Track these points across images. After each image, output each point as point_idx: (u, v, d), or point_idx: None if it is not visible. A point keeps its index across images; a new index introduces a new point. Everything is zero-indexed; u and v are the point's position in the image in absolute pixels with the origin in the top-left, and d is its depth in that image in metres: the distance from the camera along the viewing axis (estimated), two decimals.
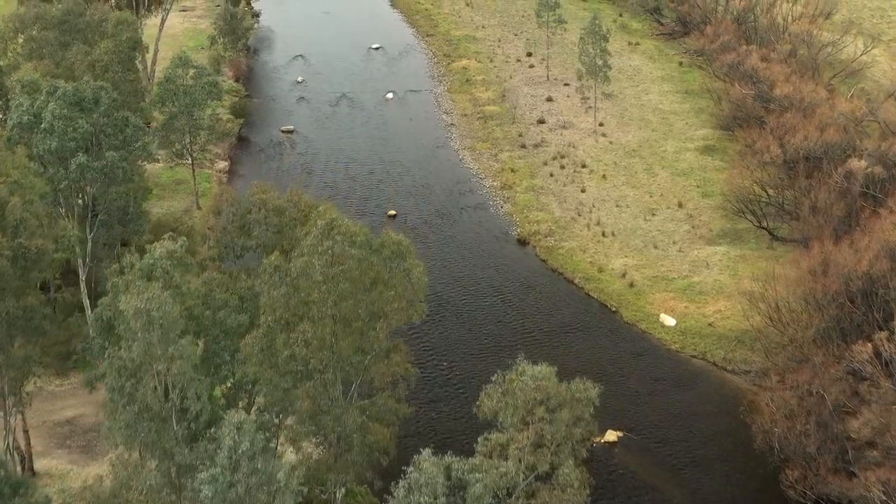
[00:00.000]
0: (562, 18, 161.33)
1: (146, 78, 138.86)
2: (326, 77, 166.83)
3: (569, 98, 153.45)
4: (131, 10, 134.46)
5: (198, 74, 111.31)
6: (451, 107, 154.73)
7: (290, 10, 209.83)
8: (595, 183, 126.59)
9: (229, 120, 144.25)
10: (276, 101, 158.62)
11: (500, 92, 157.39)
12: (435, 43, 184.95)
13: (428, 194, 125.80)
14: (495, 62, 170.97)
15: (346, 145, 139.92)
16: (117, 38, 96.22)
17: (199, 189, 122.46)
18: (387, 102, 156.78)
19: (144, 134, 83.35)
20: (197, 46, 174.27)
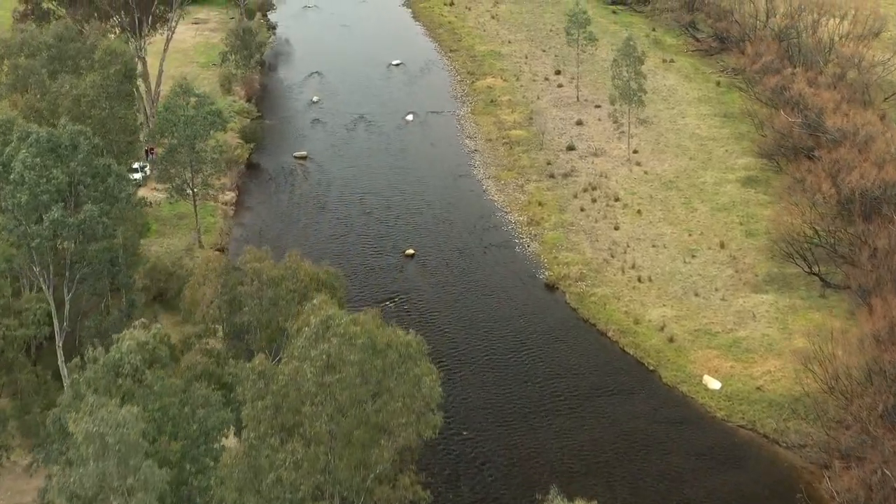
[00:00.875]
0: (593, 36, 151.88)
1: (149, 102, 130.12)
2: (343, 97, 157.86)
3: (600, 122, 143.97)
4: (132, 30, 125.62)
5: (199, 103, 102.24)
6: (474, 130, 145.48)
7: (309, 22, 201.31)
8: (629, 219, 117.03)
9: (239, 145, 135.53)
10: (290, 122, 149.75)
11: (527, 114, 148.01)
12: (458, 59, 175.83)
13: (449, 230, 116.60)
14: (522, 81, 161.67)
15: (363, 174, 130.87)
16: (105, 71, 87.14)
17: (203, 224, 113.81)
18: (407, 125, 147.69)
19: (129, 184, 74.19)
20: (208, 63, 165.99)
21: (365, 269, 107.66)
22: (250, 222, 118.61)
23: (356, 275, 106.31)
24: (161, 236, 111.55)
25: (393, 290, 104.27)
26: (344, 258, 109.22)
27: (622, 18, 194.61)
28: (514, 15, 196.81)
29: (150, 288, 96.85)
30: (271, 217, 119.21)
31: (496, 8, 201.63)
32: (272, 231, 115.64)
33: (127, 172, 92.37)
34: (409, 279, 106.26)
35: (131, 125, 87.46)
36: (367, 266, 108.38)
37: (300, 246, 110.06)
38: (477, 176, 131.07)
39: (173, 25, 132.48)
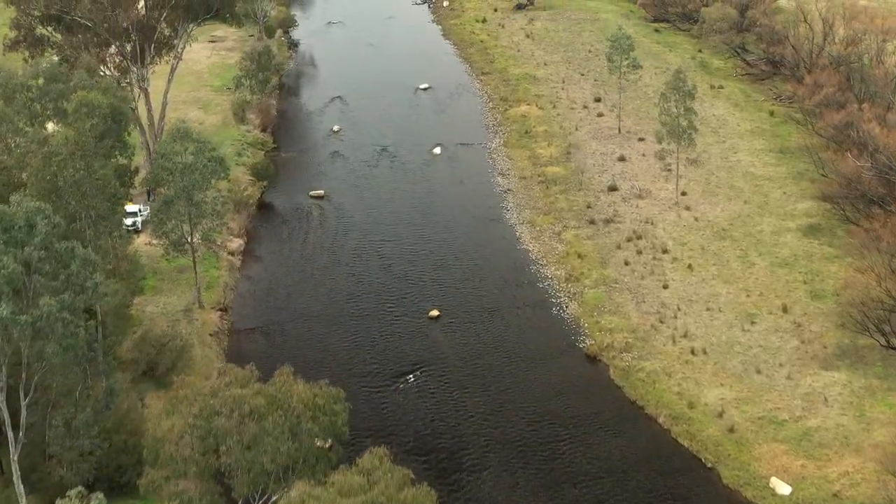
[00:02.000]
0: (636, 63, 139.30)
1: (152, 136, 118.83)
2: (366, 126, 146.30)
3: (644, 157, 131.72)
4: (133, 58, 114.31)
5: (199, 150, 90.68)
6: (507, 166, 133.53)
7: (332, 40, 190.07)
8: (679, 275, 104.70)
9: (250, 183, 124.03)
10: (308, 155, 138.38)
11: (565, 148, 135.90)
12: (490, 83, 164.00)
13: (478, 287, 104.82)
14: (559, 109, 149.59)
15: (384, 218, 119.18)
16: (79, 126, 75.58)
17: (206, 279, 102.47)
18: (434, 159, 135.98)
19: (96, 270, 62.51)
20: (222, 86, 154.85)
21: (384, 335, 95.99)
22: (258, 276, 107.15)
23: (374, 342, 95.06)
24: (158, 293, 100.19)
25: (414, 360, 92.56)
26: (361, 322, 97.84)
27: (665, 38, 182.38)
28: (551, 33, 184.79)
29: (140, 361, 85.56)
30: (282, 270, 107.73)
31: (531, 25, 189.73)
32: (281, 287, 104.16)
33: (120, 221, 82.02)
34: (432, 347, 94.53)
35: (111, 187, 75.78)
36: (387, 331, 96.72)
37: (312, 307, 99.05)
38: (510, 220, 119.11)
39: (180, 52, 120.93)
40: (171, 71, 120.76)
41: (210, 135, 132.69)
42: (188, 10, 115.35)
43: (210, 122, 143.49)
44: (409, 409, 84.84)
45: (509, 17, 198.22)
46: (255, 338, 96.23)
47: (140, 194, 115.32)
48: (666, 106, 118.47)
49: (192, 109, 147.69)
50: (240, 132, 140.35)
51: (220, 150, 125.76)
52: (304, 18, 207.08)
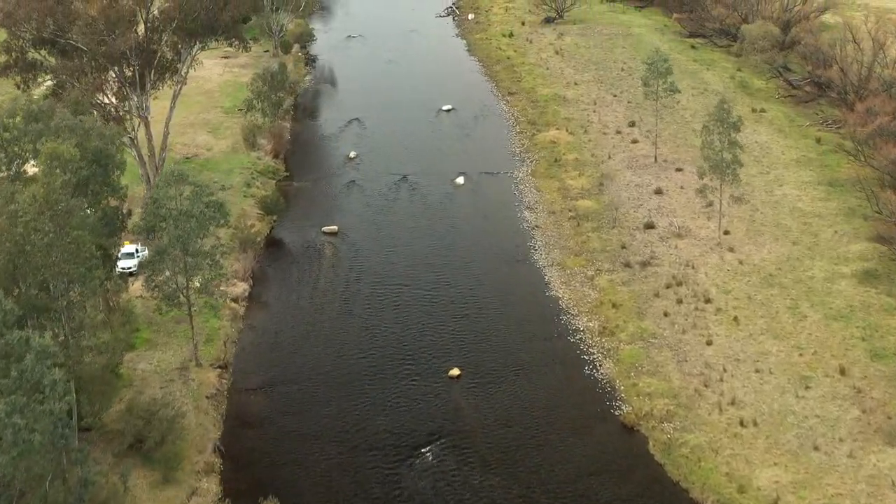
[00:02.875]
0: (674, 87, 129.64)
1: (152, 169, 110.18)
2: (384, 151, 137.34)
3: (683, 191, 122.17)
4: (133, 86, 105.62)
5: (196, 194, 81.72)
6: (535, 198, 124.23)
7: (351, 55, 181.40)
8: (724, 329, 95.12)
9: (258, 217, 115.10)
10: (322, 184, 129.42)
11: (597, 178, 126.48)
12: (518, 104, 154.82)
13: (503, 340, 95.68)
14: (590, 134, 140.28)
15: (402, 259, 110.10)
16: (49, 183, 66.55)
17: (205, 331, 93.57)
18: (456, 190, 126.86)
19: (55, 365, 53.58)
20: (234, 108, 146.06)
21: (399, 399, 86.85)
22: (264, 326, 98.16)
23: (388, 407, 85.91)
24: (152, 347, 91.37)
25: (432, 429, 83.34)
26: (373, 383, 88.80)
27: (702, 55, 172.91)
28: (581, 50, 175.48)
29: (126, 432, 76.70)
30: (289, 319, 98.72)
31: (560, 41, 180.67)
32: (288, 341, 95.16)
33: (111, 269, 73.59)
34: (452, 413, 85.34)
35: (86, 250, 66.72)
36: (402, 394, 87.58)
37: (321, 364, 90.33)
38: (538, 262, 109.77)
39: (183, 76, 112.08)
40: (173, 98, 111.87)
41: (218, 162, 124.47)
42: (190, 34, 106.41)
43: (219, 147, 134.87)
44: (425, 493, 75.56)
45: (537, 31, 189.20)
46: (256, 400, 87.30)
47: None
48: (709, 139, 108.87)
49: (200, 133, 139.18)
50: (250, 159, 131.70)
51: (229, 179, 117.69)
52: (322, 32, 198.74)
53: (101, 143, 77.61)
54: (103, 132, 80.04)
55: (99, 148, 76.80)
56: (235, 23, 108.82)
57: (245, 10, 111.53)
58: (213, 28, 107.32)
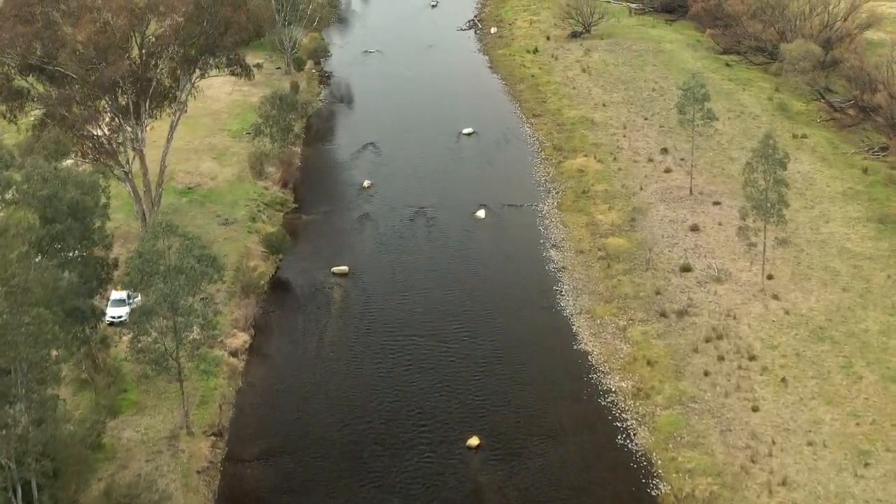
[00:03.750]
0: (712, 115, 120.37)
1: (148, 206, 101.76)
2: (401, 180, 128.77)
3: (721, 228, 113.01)
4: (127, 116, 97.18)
5: (186, 248, 73.09)
6: (561, 235, 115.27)
7: (368, 72, 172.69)
8: (771, 392, 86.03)
9: (263, 257, 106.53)
10: (334, 218, 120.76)
11: (628, 213, 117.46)
12: (543, 127, 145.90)
13: (527, 401, 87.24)
14: (620, 161, 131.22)
15: (417, 305, 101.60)
16: (5, 256, 57.93)
17: (199, 391, 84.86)
18: (477, 225, 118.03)
19: None
20: (241, 131, 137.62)
21: (413, 476, 78.19)
22: (265, 384, 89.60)
23: (399, 485, 77.05)
24: (140, 411, 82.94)
25: None
26: (383, 455, 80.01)
27: (737, 74, 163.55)
28: (609, 67, 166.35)
29: None
30: (293, 376, 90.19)
31: (587, 58, 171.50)
32: (291, 402, 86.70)
33: None
34: (471, 494, 76.32)
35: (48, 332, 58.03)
36: (415, 468, 79.01)
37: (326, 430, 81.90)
38: (565, 309, 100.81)
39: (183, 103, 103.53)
40: (170, 129, 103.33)
41: (222, 193, 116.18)
42: (189, 61, 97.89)
43: (224, 176, 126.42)
44: None
45: (563, 46, 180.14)
46: (253, 474, 78.73)
47: None
48: (752, 177, 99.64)
49: (205, 160, 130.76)
50: (256, 189, 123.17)
51: (233, 212, 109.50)
52: (338, 47, 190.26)
53: (77, 195, 68.93)
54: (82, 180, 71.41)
55: (76, 200, 68.19)
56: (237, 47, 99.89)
57: (247, 35, 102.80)
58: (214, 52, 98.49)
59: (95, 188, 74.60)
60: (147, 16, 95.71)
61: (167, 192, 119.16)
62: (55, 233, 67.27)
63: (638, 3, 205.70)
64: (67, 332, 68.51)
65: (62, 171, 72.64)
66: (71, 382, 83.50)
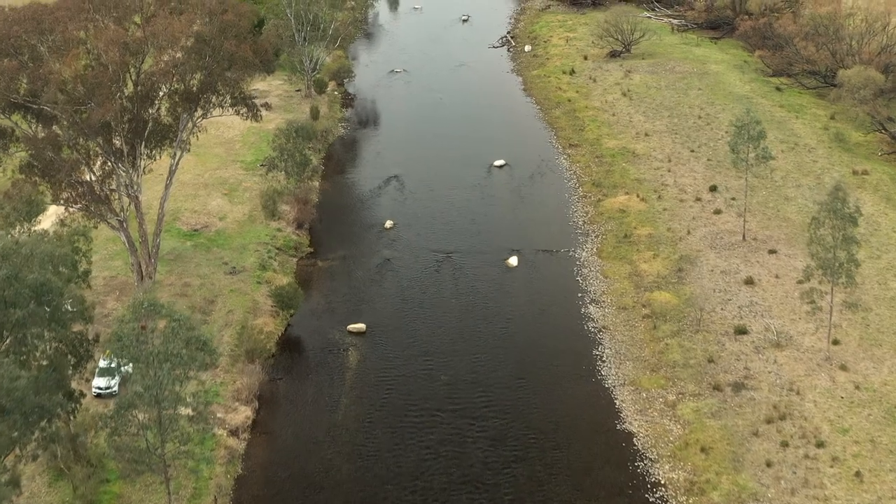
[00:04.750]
0: (768, 153, 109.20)
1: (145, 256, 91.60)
2: (426, 220, 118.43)
3: (778, 281, 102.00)
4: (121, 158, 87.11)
5: (173, 330, 62.71)
6: (601, 287, 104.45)
7: (394, 94, 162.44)
8: (844, 489, 75.13)
9: (272, 313, 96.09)
10: (351, 264, 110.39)
11: (675, 262, 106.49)
12: (580, 159, 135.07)
13: (562, 494, 75.57)
14: (665, 200, 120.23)
15: (440, 370, 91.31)
16: None
17: (191, 483, 74.42)
18: (508, 274, 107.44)
19: None
20: (255, 162, 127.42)
21: None
22: (267, 470, 79.24)
23: None
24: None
25: None
26: None
27: (789, 99, 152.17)
28: (651, 91, 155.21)
29: None
30: (299, 460, 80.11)
31: (628, 80, 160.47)
32: (295, 492, 76.54)
33: None
34: None
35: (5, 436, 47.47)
36: None
37: None
38: (606, 379, 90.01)
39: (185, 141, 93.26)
40: (169, 173, 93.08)
41: (231, 236, 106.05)
42: (189, 99, 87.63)
43: (234, 215, 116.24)
44: None
45: (602, 67, 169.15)
46: None
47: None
48: (818, 233, 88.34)
49: (214, 196, 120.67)
50: (268, 231, 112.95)
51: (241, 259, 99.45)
52: (363, 66, 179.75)
53: (42, 276, 58.68)
54: (52, 252, 61.17)
55: (39, 282, 58.00)
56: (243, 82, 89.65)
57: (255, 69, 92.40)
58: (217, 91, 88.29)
59: (66, 259, 64.43)
60: (144, 48, 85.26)
61: (171, 235, 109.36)
62: (15, 320, 57.13)
63: (680, 20, 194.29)
64: (30, 432, 58.26)
65: (26, 244, 62.36)
66: (46, 471, 73.59)
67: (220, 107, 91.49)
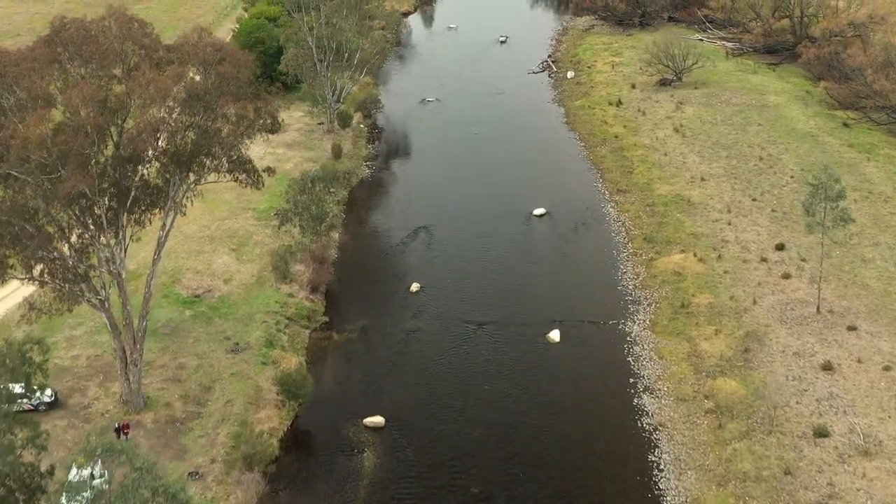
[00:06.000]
0: (846, 215, 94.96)
1: (129, 339, 78.85)
2: (457, 284, 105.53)
3: (861, 366, 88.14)
4: (101, 231, 74.30)
5: (133, 482, 49.63)
6: (656, 371, 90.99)
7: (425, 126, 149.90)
8: None
9: (277, 404, 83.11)
10: (371, 336, 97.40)
11: (740, 339, 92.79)
12: (629, 208, 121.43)
13: None
14: (726, 261, 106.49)
15: (469, 479, 77.53)
16: None
17: None
18: (549, 351, 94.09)
19: None
20: (269, 210, 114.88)
21: None
22: None
23: None
24: None
25: None
26: None
27: (858, 137, 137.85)
28: (706, 126, 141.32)
29: None
30: None
31: (680, 113, 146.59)
32: None
33: None
34: None
35: None
36: None
37: None
38: (664, 495, 76.45)
39: (180, 203, 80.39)
40: (158, 245, 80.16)
41: (236, 302, 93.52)
42: (179, 163, 74.76)
43: (241, 276, 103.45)
44: None
45: (651, 97, 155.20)
46: None
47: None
48: None
49: (220, 252, 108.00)
50: (279, 297, 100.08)
51: (246, 332, 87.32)
52: (393, 94, 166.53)
53: None
54: None
55: None
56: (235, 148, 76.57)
57: (255, 131, 79.20)
58: (212, 154, 75.35)
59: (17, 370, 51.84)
60: (127, 103, 72.41)
61: (168, 301, 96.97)
62: None
63: (735, 43, 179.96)
64: None
65: None
66: None
67: (217, 171, 78.37)
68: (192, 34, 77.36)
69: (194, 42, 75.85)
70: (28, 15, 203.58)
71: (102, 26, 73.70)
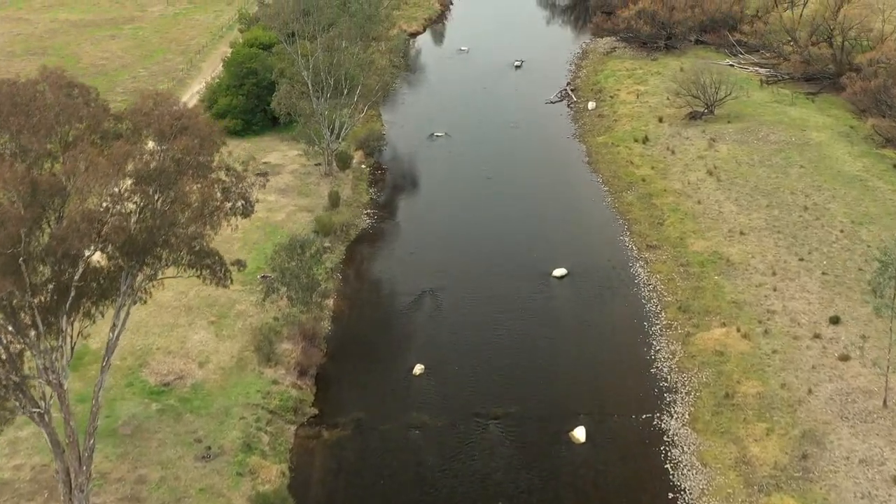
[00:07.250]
0: None
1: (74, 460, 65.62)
2: (466, 363, 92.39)
3: None
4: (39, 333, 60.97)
5: None
6: (699, 482, 77.63)
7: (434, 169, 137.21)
8: None
9: None
10: (367, 433, 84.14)
11: (796, 440, 79.47)
12: (661, 267, 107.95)
13: None
14: (773, 336, 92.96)
15: None
16: None
17: None
18: (573, 453, 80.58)
19: None
20: (256, 272, 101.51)
21: None
22: None
23: None
24: None
25: None
26: None
27: None
28: (742, 168, 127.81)
29: None
30: None
31: (713, 152, 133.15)
32: None
33: None
34: None
35: None
36: None
37: None
38: None
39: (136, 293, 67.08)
40: (107, 351, 66.71)
41: (211, 392, 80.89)
42: (130, 255, 61.38)
43: (219, 358, 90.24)
44: None
45: (680, 133, 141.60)
46: None
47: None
48: None
49: (197, 327, 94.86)
50: (261, 385, 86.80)
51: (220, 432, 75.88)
52: (398, 126, 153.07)
53: None
54: None
55: None
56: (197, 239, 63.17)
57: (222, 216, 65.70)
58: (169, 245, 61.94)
59: None
60: (65, 184, 59.15)
61: (133, 391, 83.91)
62: None
63: (769, 69, 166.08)
64: None
65: None
66: None
67: (176, 264, 65.01)
68: (147, 100, 64.00)
69: (148, 110, 62.45)
70: (9, 36, 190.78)
71: (34, 92, 60.38)
